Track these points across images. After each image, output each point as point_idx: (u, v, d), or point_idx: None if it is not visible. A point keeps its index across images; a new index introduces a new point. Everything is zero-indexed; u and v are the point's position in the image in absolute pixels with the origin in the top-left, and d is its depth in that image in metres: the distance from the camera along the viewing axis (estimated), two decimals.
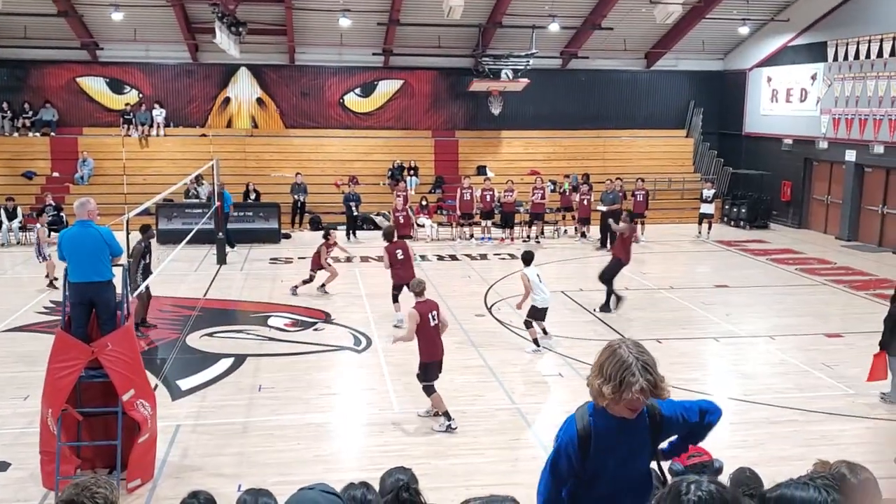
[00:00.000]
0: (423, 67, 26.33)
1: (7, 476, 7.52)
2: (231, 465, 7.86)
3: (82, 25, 23.27)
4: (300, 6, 22.52)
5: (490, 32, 24.49)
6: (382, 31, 24.40)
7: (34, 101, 24.97)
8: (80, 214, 7.59)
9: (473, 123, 26.98)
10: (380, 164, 25.61)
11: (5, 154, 24.30)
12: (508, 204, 21.51)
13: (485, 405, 9.57)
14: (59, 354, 7.18)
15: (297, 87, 26.20)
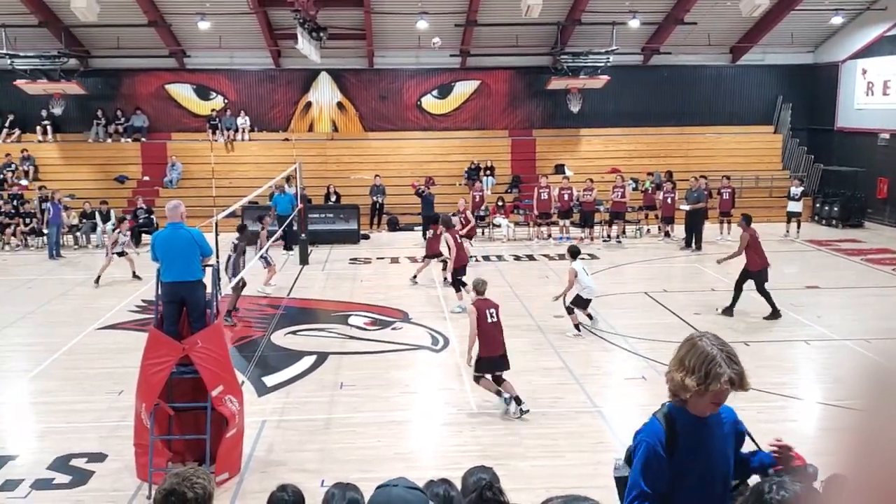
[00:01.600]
0: (500, 67, 26.29)
1: (104, 467, 7.84)
2: (314, 460, 8.01)
3: (171, 34, 24.14)
4: (379, 10, 22.81)
5: (569, 30, 24.26)
6: (460, 33, 24.47)
7: (126, 108, 26.04)
8: (172, 217, 7.86)
9: (551, 122, 26.77)
10: (456, 165, 25.68)
11: (99, 159, 25.42)
12: (588, 203, 21.23)
13: (565, 407, 9.46)
14: (151, 351, 7.46)
15: (375, 91, 26.54)
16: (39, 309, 14.41)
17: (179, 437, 7.75)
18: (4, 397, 9.99)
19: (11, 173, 24.28)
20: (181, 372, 7.48)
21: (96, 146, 25.64)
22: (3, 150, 24.91)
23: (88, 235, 21.28)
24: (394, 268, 18.06)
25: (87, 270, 17.68)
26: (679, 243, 20.42)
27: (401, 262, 18.80)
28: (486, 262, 18.66)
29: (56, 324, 13.40)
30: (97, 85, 25.85)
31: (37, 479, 7.59)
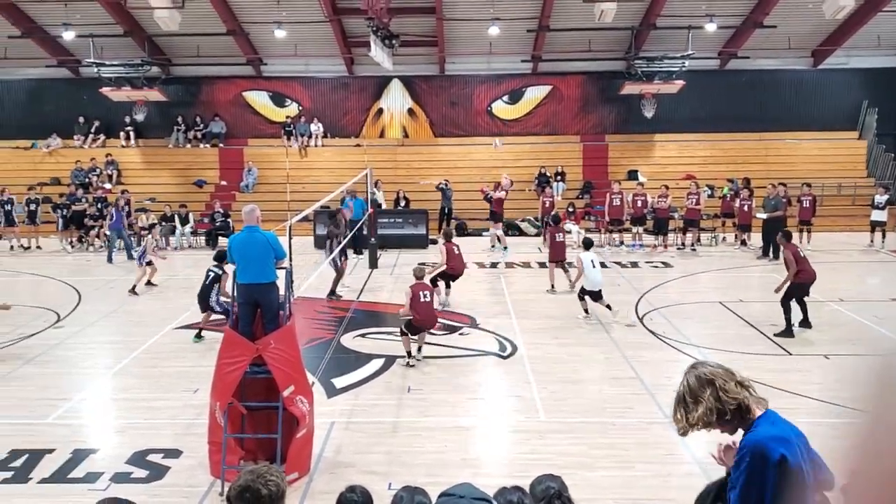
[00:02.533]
0: (573, 72, 26.11)
1: (179, 463, 8.06)
2: (382, 463, 8.05)
3: (248, 43, 24.77)
4: (451, 17, 22.92)
5: (643, 34, 23.92)
6: (531, 38, 24.40)
7: (205, 115, 26.83)
8: (249, 220, 8.04)
9: (624, 127, 26.42)
10: (526, 171, 25.57)
11: (179, 164, 26.25)
12: (662, 210, 20.83)
13: (635, 418, 9.28)
14: (226, 351, 7.63)
15: (446, 97, 26.67)
16: (120, 308, 14.94)
17: (252, 435, 7.90)
18: (87, 393, 10.37)
19: (96, 177, 25.29)
20: (254, 372, 7.62)
21: (176, 151, 26.49)
22: (88, 154, 25.98)
23: (167, 238, 21.97)
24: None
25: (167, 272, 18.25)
26: (756, 252, 19.85)
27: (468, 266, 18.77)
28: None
29: (135, 323, 13.86)
30: (178, 92, 26.71)
31: (116, 472, 7.84)
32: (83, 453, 8.28)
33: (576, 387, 10.30)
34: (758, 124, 25.97)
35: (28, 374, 11.00)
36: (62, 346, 12.39)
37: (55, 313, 14.39)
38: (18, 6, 22.70)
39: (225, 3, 22.34)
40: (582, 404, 9.67)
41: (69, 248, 21.83)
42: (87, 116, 26.78)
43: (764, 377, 10.42)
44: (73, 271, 18.78)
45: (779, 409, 9.66)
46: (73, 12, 22.46)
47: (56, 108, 26.80)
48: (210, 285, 12.53)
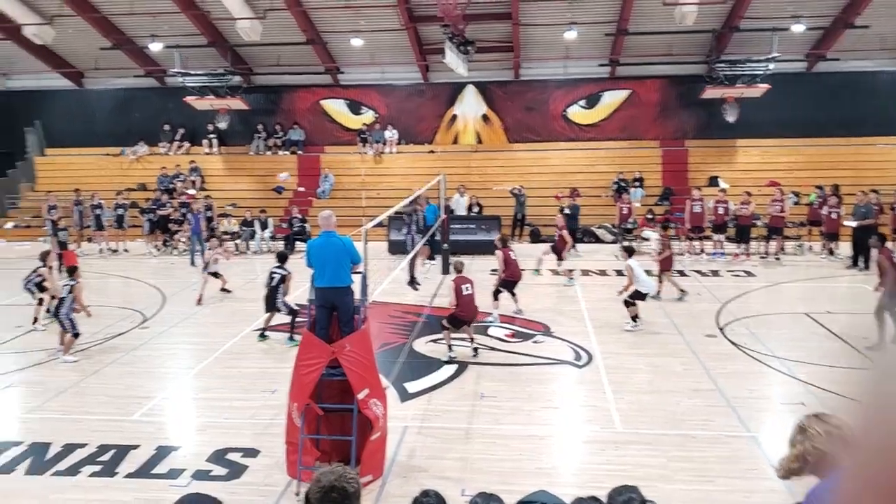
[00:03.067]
0: (651, 76, 25.66)
1: (257, 462, 8.21)
2: (455, 469, 8.02)
3: (326, 52, 25.22)
4: (527, 22, 22.82)
5: (726, 37, 23.32)
6: (609, 42, 24.08)
7: (285, 123, 27.43)
8: (326, 226, 8.15)
9: (705, 132, 25.80)
10: (602, 176, 25.24)
11: (259, 170, 26.90)
12: (744, 217, 20.21)
13: (716, 431, 8.99)
14: (304, 353, 7.74)
15: (521, 103, 26.56)
16: (202, 310, 15.36)
17: (327, 437, 7.98)
18: (170, 392, 10.69)
19: (180, 183, 26.14)
20: (330, 374, 7.70)
21: (257, 158, 27.16)
22: (173, 161, 26.88)
23: (248, 242, 22.52)
24: (535, 280, 17.93)
25: (247, 275, 18.70)
26: (845, 262, 19.07)
27: (542, 273, 18.63)
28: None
29: (216, 324, 14.24)
30: (259, 100, 27.39)
31: (197, 469, 8.04)
32: (166, 450, 8.52)
33: (653, 397, 10.06)
34: (847, 129, 24.97)
35: (115, 373, 11.41)
36: (147, 346, 12.81)
37: (141, 314, 14.91)
38: (110, 19, 23.68)
39: (304, 13, 22.81)
40: (660, 416, 9.44)
41: (154, 251, 22.61)
42: (172, 124, 27.72)
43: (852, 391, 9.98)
44: (157, 274, 19.44)
45: None
46: (161, 24, 23.31)
47: (143, 116, 27.85)
48: (276, 287, 12.82)
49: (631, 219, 21.71)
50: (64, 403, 10.13)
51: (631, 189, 24.10)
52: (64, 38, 24.29)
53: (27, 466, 8.19)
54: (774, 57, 22.70)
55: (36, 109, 28.31)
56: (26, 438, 8.92)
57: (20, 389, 10.85)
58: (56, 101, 28.23)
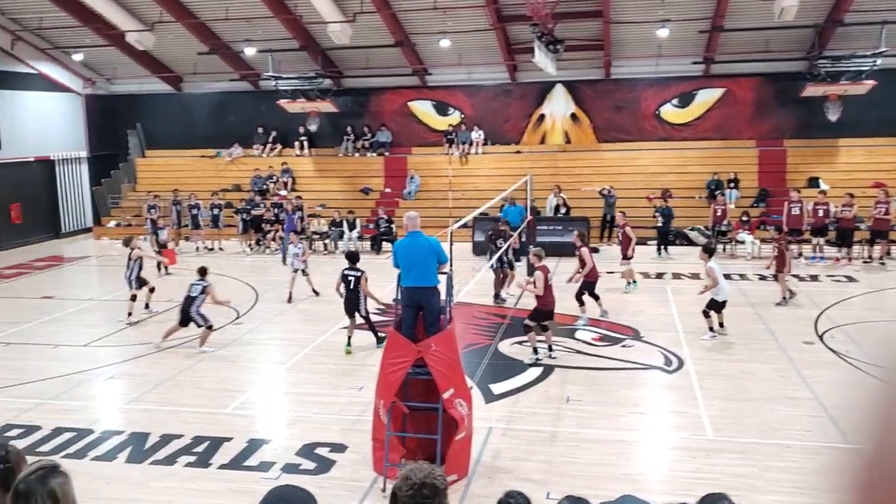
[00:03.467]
0: (748, 74, 24.81)
1: (344, 457, 8.34)
2: (539, 471, 7.95)
3: (415, 53, 25.43)
4: (618, 19, 22.44)
5: (828, 32, 22.33)
6: (703, 39, 23.43)
7: (372, 125, 27.81)
8: (413, 226, 8.22)
9: (805, 131, 24.77)
10: (696, 177, 24.56)
11: (348, 172, 27.35)
12: (846, 220, 19.30)
13: (813, 441, 8.62)
14: (390, 351, 7.83)
15: (611, 102, 26.14)
16: (293, 307, 15.74)
17: (413, 435, 8.04)
18: (262, 386, 10.99)
19: (273, 184, 26.85)
20: (416, 373, 7.76)
21: (345, 160, 27.64)
22: (266, 162, 27.64)
23: (336, 242, 22.94)
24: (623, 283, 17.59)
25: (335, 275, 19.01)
26: None
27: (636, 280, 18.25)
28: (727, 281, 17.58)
29: (307, 321, 14.56)
30: (348, 103, 27.86)
31: (287, 463, 8.24)
32: (257, 443, 8.77)
33: (746, 405, 9.73)
34: None
35: (210, 367, 11.81)
36: (240, 342, 13.21)
37: (235, 311, 15.39)
38: (207, 25, 24.54)
39: (394, 15, 23.07)
40: (753, 424, 9.12)
41: (248, 250, 23.29)
42: (265, 127, 28.51)
43: None
44: (251, 272, 20.03)
45: None
46: (255, 29, 23.99)
47: (238, 119, 28.75)
48: (356, 289, 12.41)
49: (725, 221, 21.05)
50: (162, 395, 10.56)
51: (726, 190, 23.36)
52: (164, 43, 25.31)
53: (128, 455, 8.57)
54: (882, 52, 21.57)
55: (137, 113, 29.62)
56: (127, 428, 9.34)
57: (122, 381, 11.36)
58: (156, 104, 29.47)
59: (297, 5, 22.64)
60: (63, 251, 24.59)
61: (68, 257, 23.67)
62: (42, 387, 10.95)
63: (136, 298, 14.84)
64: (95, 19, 23.70)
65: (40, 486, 2.77)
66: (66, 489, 2.83)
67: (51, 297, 17.26)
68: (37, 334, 13.96)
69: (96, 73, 28.66)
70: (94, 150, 29.10)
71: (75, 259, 23.54)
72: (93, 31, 24.35)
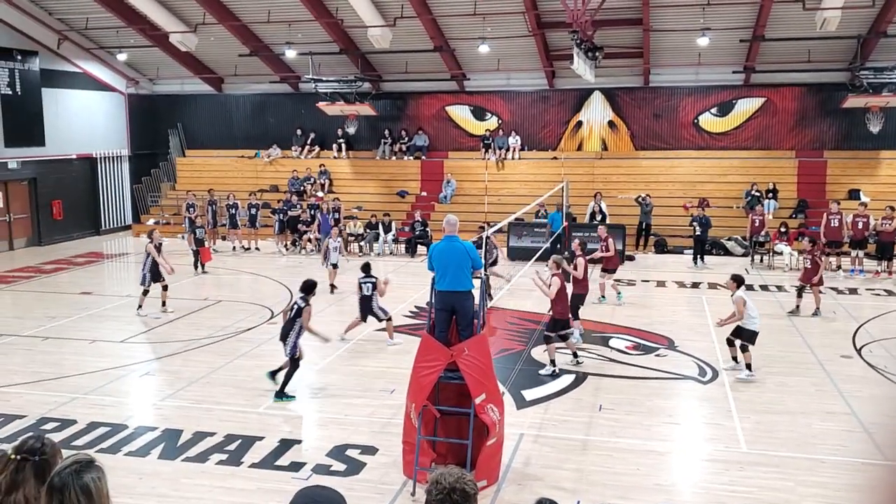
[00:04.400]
0: (788, 84, 24.52)
1: (375, 460, 8.39)
2: (570, 479, 7.92)
3: (453, 58, 25.50)
4: (658, 27, 22.29)
5: (871, 43, 21.97)
6: (744, 48, 23.18)
7: (410, 129, 27.94)
8: (449, 230, 8.25)
9: (846, 143, 24.41)
10: (734, 187, 24.31)
11: (385, 175, 27.50)
12: (887, 233, 18.96)
13: (849, 456, 8.48)
14: (423, 355, 7.85)
15: (649, 109, 25.98)
16: (327, 308, 15.85)
17: (444, 439, 8.06)
18: (293, 387, 11.08)
19: (310, 185, 27.09)
20: (448, 377, 7.78)
21: (382, 163, 27.79)
22: (304, 164, 27.90)
23: (372, 244, 23.06)
24: (660, 292, 17.47)
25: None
26: None
27: (667, 286, 18.13)
28: (763, 292, 17.39)
29: (340, 323, 14.61)
30: (386, 107, 28.03)
31: (317, 464, 8.31)
32: (289, 443, 8.85)
33: (782, 418, 9.60)
34: None
35: (243, 366, 11.96)
36: (273, 341, 13.28)
37: (269, 310, 15.55)
38: (249, 27, 24.86)
39: (433, 20, 23.16)
40: (789, 438, 9.00)
41: (284, 250, 23.52)
42: (303, 129, 28.80)
43: None
44: (286, 272, 20.21)
45: None
46: (296, 32, 24.25)
47: (277, 120, 29.08)
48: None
49: (763, 231, 20.78)
50: (195, 393, 10.71)
51: (764, 200, 23.07)
52: (206, 45, 25.69)
53: (161, 451, 8.71)
54: None
55: (179, 113, 30.10)
56: (160, 424, 9.49)
57: (156, 378, 11.54)
58: (197, 104, 29.92)
59: (338, 9, 22.83)
60: (103, 248, 25.07)
61: (108, 254, 24.13)
62: (78, 381, 11.17)
63: (146, 293, 15.23)
64: (140, 20, 24.14)
65: (75, 480, 2.84)
66: (99, 484, 2.89)
67: (89, 293, 17.59)
68: (75, 329, 14.25)
69: (139, 72, 29.19)
70: (135, 148, 29.62)
71: (114, 256, 23.99)
72: (137, 32, 24.81)
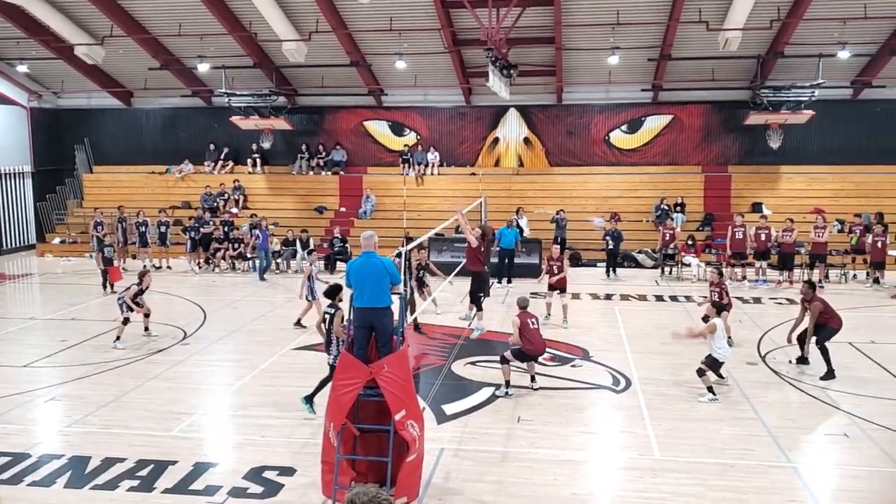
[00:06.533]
0: (694, 101, 25.52)
1: (293, 481, 8.25)
2: (490, 492, 7.98)
3: (370, 74, 25.52)
4: (570, 46, 22.88)
5: (770, 63, 23.11)
6: (652, 67, 24.02)
7: (327, 144, 27.78)
8: (367, 246, 8.21)
9: (748, 158, 25.56)
10: (644, 201, 25.10)
11: (301, 190, 27.24)
12: (787, 244, 19.93)
13: (755, 461, 8.83)
14: (342, 372, 7.78)
15: (563, 126, 26.60)
16: (243, 328, 15.55)
17: (363, 457, 8.00)
18: (208, 409, 10.81)
19: (224, 202, 26.57)
20: (367, 394, 7.74)
21: (299, 178, 27.51)
22: (217, 180, 27.37)
23: (289, 261, 22.76)
24: (574, 304, 17.81)
25: (288, 292, 18.88)
26: (891, 290, 18.66)
27: (582, 298, 18.52)
28: (672, 303, 17.97)
29: (257, 342, 14.39)
30: (302, 121, 27.80)
31: (233, 486, 8.11)
32: (203, 466, 8.62)
33: (692, 425, 9.92)
34: (894, 156, 24.53)
35: (155, 388, 11.59)
36: (187, 363, 13.00)
37: (182, 331, 15.14)
38: (159, 40, 24.29)
39: (349, 35, 23.14)
40: (699, 444, 9.30)
41: (196, 269, 22.96)
42: (217, 143, 28.25)
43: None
44: (199, 291, 19.74)
45: None
46: (208, 45, 23.82)
47: (189, 135, 28.45)
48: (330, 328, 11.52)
49: (672, 244, 21.51)
50: (104, 418, 10.31)
51: (673, 214, 23.90)
52: (114, 58, 24.96)
53: (67, 479, 8.34)
54: (820, 83, 22.42)
55: (85, 127, 29.09)
56: (67, 452, 9.09)
57: (62, 403, 11.06)
58: (105, 119, 28.99)
59: (251, 22, 22.56)
60: (4, 268, 23.92)
61: (10, 274, 23.04)
62: None
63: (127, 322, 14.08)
64: (42, 31, 23.29)
65: None
66: None
67: None
68: None
69: (42, 85, 28.09)
70: (39, 164, 28.45)
71: (17, 277, 22.93)
72: (39, 43, 23.92)
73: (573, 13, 21.26)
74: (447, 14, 21.64)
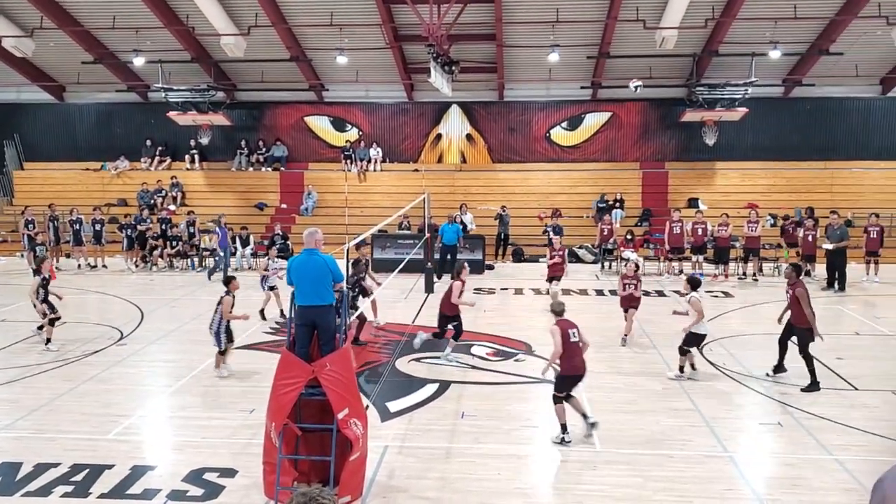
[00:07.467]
0: (633, 99, 25.94)
1: (234, 482, 8.12)
2: (434, 488, 7.99)
3: (311, 69, 25.28)
4: (511, 43, 23.03)
5: (705, 61, 23.67)
6: (591, 65, 24.35)
7: (267, 139, 27.42)
8: (309, 243, 8.12)
9: (685, 154, 26.13)
10: (584, 197, 25.45)
11: (241, 187, 26.84)
12: (723, 238, 20.46)
13: (693, 451, 9.04)
14: (283, 371, 7.68)
15: (504, 123, 26.78)
16: (181, 327, 15.24)
17: (306, 457, 7.92)
18: (146, 411, 10.57)
19: (161, 199, 26.00)
20: (310, 393, 7.66)
21: (239, 174, 27.10)
22: (154, 176, 26.76)
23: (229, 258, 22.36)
24: (517, 299, 17.97)
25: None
26: (820, 283, 19.31)
27: (525, 293, 18.68)
28: (613, 297, 18.25)
29: (195, 342, 14.10)
30: (241, 117, 27.37)
31: (173, 489, 7.95)
32: (141, 470, 8.42)
33: (632, 417, 10.10)
34: (823, 153, 25.41)
35: (91, 391, 11.28)
36: (124, 364, 12.68)
37: (118, 331, 14.77)
38: (92, 33, 23.62)
39: (289, 30, 22.87)
40: (638, 435, 9.47)
41: (133, 267, 22.43)
42: (153, 140, 27.63)
43: (828, 412, 10.09)
44: (136, 290, 19.28)
45: (843, 446, 9.29)
46: (144, 39, 23.27)
47: (125, 131, 27.74)
48: None
49: (611, 239, 21.86)
50: (37, 421, 9.99)
51: (612, 210, 24.29)
52: (45, 51, 24.18)
53: None
54: (752, 81, 23.06)
55: (16, 122, 28.12)
56: None
57: None
58: (36, 114, 28.07)
59: (188, 16, 22.11)
60: None
61: None
62: None
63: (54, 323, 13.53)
64: None
65: None
66: None
67: None
68: None
69: None
70: None
71: None
72: None
73: (513, 10, 21.41)
74: (388, 9, 21.56)
